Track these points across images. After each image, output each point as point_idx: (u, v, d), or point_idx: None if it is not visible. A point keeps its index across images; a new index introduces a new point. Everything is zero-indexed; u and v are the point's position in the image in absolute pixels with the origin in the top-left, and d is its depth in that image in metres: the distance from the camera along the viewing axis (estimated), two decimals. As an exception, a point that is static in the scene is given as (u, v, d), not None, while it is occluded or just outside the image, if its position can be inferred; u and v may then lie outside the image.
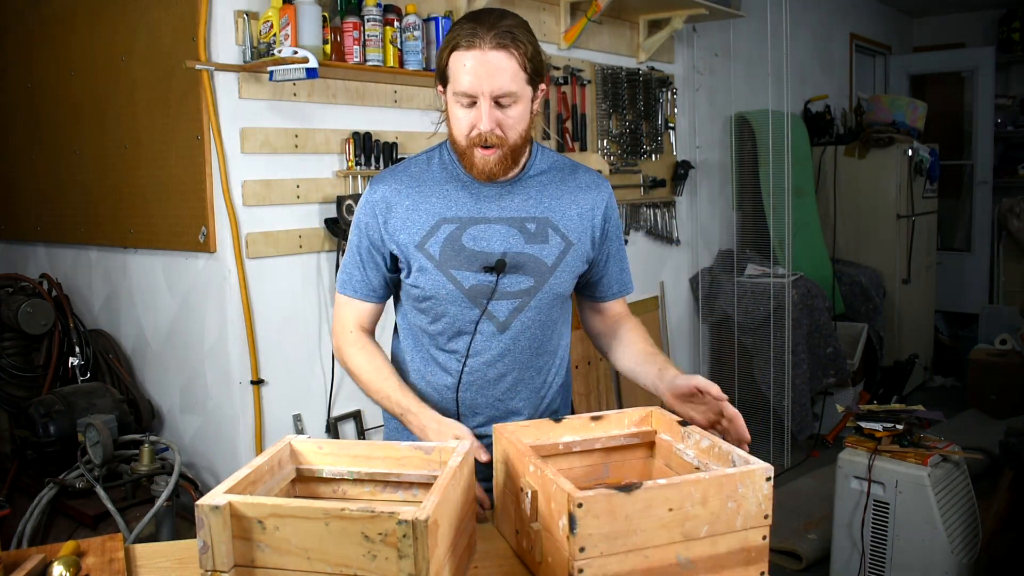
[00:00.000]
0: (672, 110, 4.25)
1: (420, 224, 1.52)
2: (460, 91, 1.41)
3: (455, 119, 1.46)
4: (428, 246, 1.51)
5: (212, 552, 1.03)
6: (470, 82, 1.40)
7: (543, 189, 1.56)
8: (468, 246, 1.51)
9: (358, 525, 1.01)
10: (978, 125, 6.53)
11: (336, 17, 2.62)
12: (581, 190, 1.58)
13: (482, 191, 1.53)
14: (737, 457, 1.17)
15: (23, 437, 2.52)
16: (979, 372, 4.85)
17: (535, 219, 1.53)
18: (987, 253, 6.41)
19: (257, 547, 1.04)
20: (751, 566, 1.12)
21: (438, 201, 1.53)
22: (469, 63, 1.39)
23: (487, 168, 1.47)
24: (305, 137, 2.64)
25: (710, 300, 4.50)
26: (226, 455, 2.62)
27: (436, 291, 1.51)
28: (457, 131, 1.47)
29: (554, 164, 1.60)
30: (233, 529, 1.03)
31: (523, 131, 1.47)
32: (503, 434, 1.28)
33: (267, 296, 2.58)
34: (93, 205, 2.97)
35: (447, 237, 1.51)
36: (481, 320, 1.52)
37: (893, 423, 2.74)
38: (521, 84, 1.42)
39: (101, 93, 2.86)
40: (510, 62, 1.40)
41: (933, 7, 6.94)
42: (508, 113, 1.43)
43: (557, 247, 1.54)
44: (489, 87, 1.40)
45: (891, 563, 2.70)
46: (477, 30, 1.39)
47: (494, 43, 1.39)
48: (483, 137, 1.43)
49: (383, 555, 1.01)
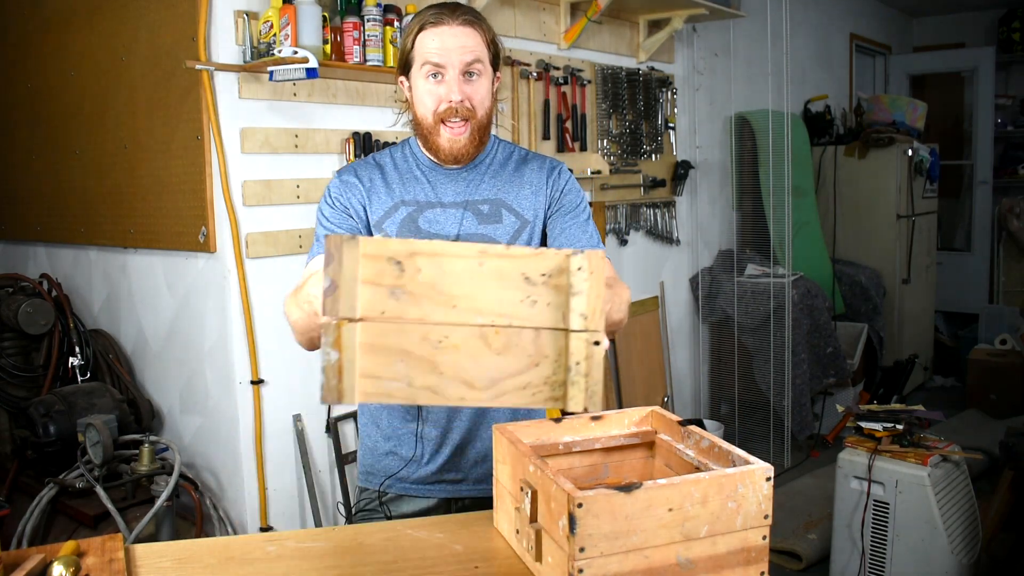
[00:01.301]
0: (672, 110, 4.25)
1: (379, 205, 1.54)
2: (429, 60, 1.44)
3: (422, 96, 1.48)
4: (385, 226, 1.53)
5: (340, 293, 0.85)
6: (439, 52, 1.44)
7: (497, 174, 1.58)
8: (424, 228, 1.53)
9: (518, 264, 0.88)
10: (978, 125, 6.53)
11: (336, 17, 2.62)
12: (534, 172, 1.59)
13: (439, 179, 1.56)
14: (737, 457, 1.17)
15: (23, 437, 2.52)
16: (979, 372, 4.85)
17: (488, 201, 1.55)
18: (987, 253, 6.41)
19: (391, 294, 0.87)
20: (751, 566, 1.12)
21: (397, 187, 1.56)
22: (438, 37, 1.44)
23: (455, 148, 1.49)
24: (305, 137, 2.64)
25: (710, 300, 4.50)
26: (226, 455, 2.62)
27: None
28: (424, 108, 1.48)
29: (510, 154, 1.62)
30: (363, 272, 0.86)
31: (488, 108, 1.51)
32: (503, 434, 1.29)
33: (267, 296, 2.58)
34: (93, 205, 2.97)
35: (404, 218, 1.53)
36: None
37: (893, 423, 2.74)
38: (486, 59, 1.48)
39: (101, 93, 2.86)
40: (477, 36, 1.46)
41: (933, 7, 6.94)
42: (475, 87, 1.47)
43: (511, 226, 1.55)
44: (459, 56, 1.44)
45: (891, 563, 2.69)
46: (443, 12, 1.45)
47: (461, 20, 1.45)
48: (453, 108, 1.45)
49: (544, 300, 0.89)
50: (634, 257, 4.12)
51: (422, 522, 1.41)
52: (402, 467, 1.59)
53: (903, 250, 5.35)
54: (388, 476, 1.60)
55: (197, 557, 1.28)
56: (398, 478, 1.60)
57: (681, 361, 4.51)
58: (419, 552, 1.28)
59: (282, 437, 2.66)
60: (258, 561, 1.26)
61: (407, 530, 1.36)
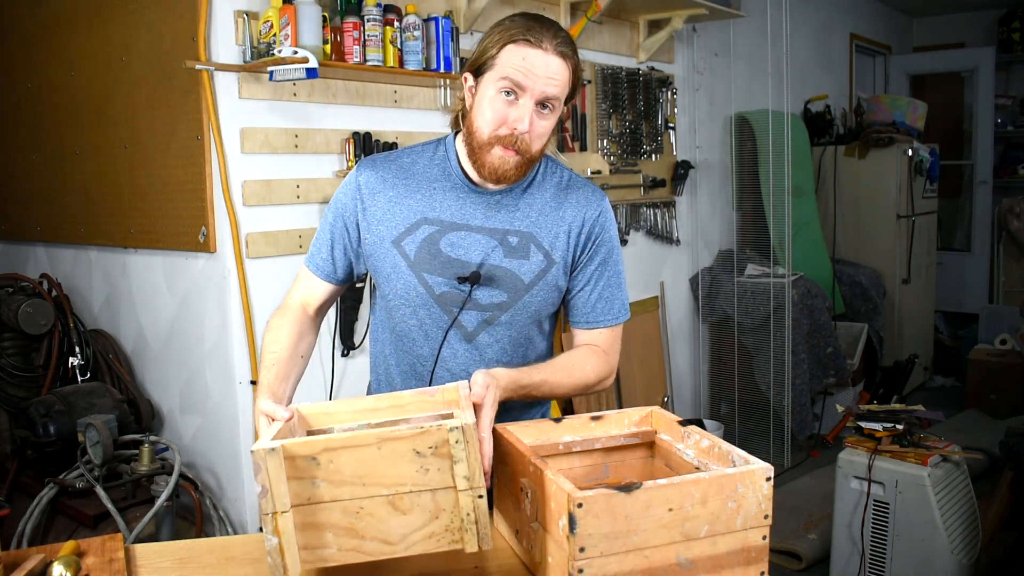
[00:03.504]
0: (672, 110, 4.25)
1: (400, 219, 1.47)
2: (512, 77, 1.35)
3: (486, 109, 1.38)
4: (404, 244, 1.46)
5: (272, 494, 1.04)
6: (525, 75, 1.35)
7: (532, 203, 1.49)
8: (445, 251, 1.45)
9: (408, 443, 1.06)
10: (978, 125, 6.53)
11: (336, 17, 2.62)
12: (571, 206, 1.51)
13: (470, 197, 1.47)
14: (737, 457, 1.17)
15: (23, 437, 2.52)
16: (979, 372, 4.85)
17: (519, 233, 1.47)
18: (987, 253, 6.41)
19: (312, 484, 1.06)
20: (751, 566, 1.12)
21: (423, 199, 1.47)
22: (529, 57, 1.35)
23: (502, 169, 1.40)
24: (305, 137, 2.64)
25: (710, 300, 4.50)
26: (226, 455, 2.62)
27: (406, 292, 1.47)
28: (484, 122, 1.39)
29: (552, 177, 1.54)
30: (287, 471, 1.05)
31: (544, 144, 1.44)
32: (503, 434, 1.29)
33: (267, 296, 2.58)
34: (93, 205, 2.97)
35: (425, 239, 1.46)
36: (451, 329, 1.48)
37: (893, 423, 2.74)
38: (563, 96, 1.41)
39: (101, 93, 2.86)
40: (564, 72, 1.38)
41: (933, 7, 6.94)
42: (542, 123, 1.40)
43: (537, 264, 1.47)
44: (542, 87, 1.36)
45: (891, 563, 2.69)
46: (539, 31, 1.36)
47: (557, 49, 1.36)
48: (514, 137, 1.38)
49: (435, 467, 1.07)
50: (634, 257, 4.12)
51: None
52: None
53: (903, 250, 5.35)
54: None
55: (197, 557, 1.28)
56: None
57: (681, 361, 4.52)
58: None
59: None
60: (258, 561, 1.26)
61: (407, 530, 1.36)
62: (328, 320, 2.73)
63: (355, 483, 1.06)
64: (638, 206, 4.11)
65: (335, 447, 1.05)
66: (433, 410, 1.32)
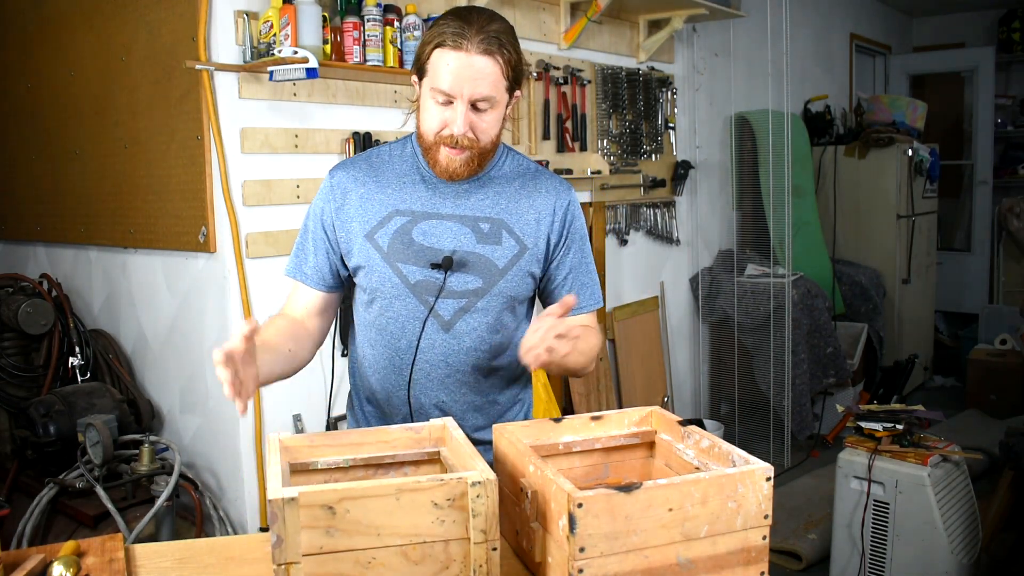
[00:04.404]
0: (672, 110, 4.25)
1: (372, 214, 1.49)
2: (438, 88, 1.39)
3: (427, 113, 1.43)
4: (377, 237, 1.48)
5: (286, 545, 1.03)
6: (450, 83, 1.37)
7: (502, 191, 1.52)
8: (417, 240, 1.48)
9: (427, 495, 1.06)
10: (978, 125, 6.53)
11: (336, 17, 2.62)
12: (540, 194, 1.54)
13: (439, 187, 1.50)
14: (737, 457, 1.17)
15: (23, 437, 2.52)
16: (979, 372, 4.85)
17: (490, 219, 1.50)
18: (987, 253, 6.41)
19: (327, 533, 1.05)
20: (751, 566, 1.12)
21: (394, 192, 1.50)
22: (452, 63, 1.37)
23: (451, 167, 1.45)
24: (305, 137, 2.64)
25: (710, 300, 4.50)
26: (226, 455, 2.62)
27: (381, 284, 1.48)
28: (427, 126, 1.44)
29: (518, 168, 1.57)
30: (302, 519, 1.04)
31: (495, 136, 1.47)
32: (503, 434, 1.29)
33: (267, 296, 2.58)
34: (93, 205, 2.97)
35: (397, 230, 1.48)
36: (428, 318, 1.48)
37: (893, 423, 2.74)
38: (500, 91, 1.42)
39: (101, 93, 2.86)
40: (493, 68, 1.39)
41: (933, 7, 6.94)
42: (483, 117, 1.42)
43: (510, 250, 1.50)
44: (469, 91, 1.38)
45: (891, 563, 2.70)
46: (465, 31, 1.37)
47: (480, 48, 1.37)
48: (454, 139, 1.41)
49: (451, 518, 1.07)
50: (634, 257, 4.12)
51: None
52: None
53: (903, 250, 5.35)
54: None
55: (197, 557, 1.28)
56: None
57: (681, 361, 4.52)
58: (419, 552, 1.28)
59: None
60: (258, 561, 1.26)
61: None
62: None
63: (370, 533, 1.06)
64: (638, 206, 4.11)
65: (354, 496, 1.04)
66: (418, 447, 1.31)
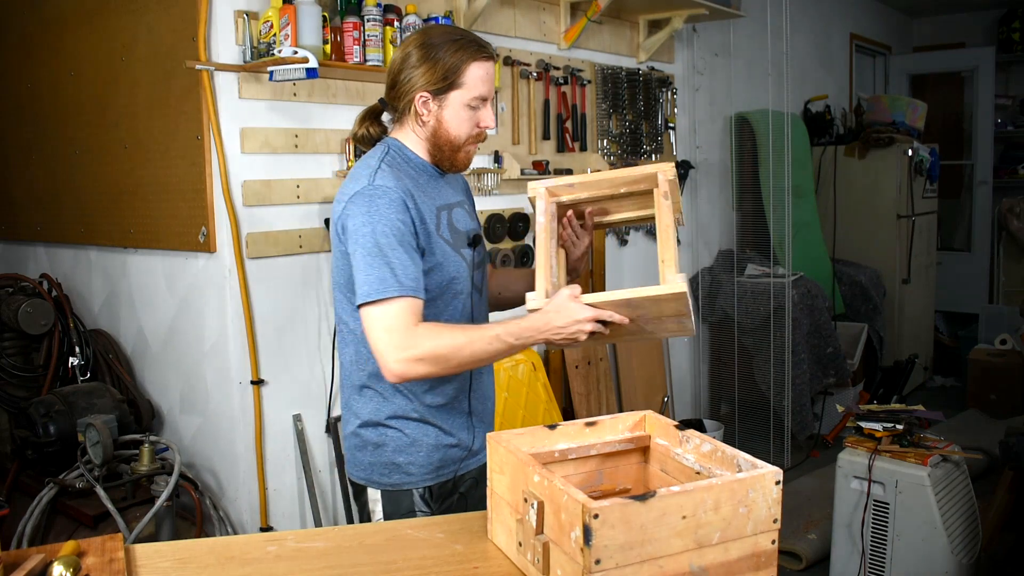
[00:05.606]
0: (672, 110, 4.25)
1: (430, 212, 1.63)
2: (479, 96, 1.61)
3: (462, 119, 1.62)
4: (442, 231, 1.64)
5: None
6: (488, 88, 1.62)
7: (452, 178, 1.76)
8: (457, 226, 1.67)
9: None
10: (978, 125, 6.52)
11: (336, 17, 2.62)
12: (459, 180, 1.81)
13: (440, 180, 1.70)
14: (743, 461, 1.16)
15: (23, 437, 2.52)
16: (979, 372, 4.85)
17: (465, 201, 1.77)
18: (987, 253, 6.40)
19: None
20: (761, 571, 1.11)
21: (431, 191, 1.66)
22: (488, 71, 1.62)
23: (469, 159, 1.68)
24: (305, 137, 2.64)
25: (710, 300, 4.50)
26: (226, 455, 2.62)
27: (458, 270, 1.64)
28: (460, 129, 1.62)
29: None
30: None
31: None
32: (499, 443, 1.26)
33: (267, 296, 2.58)
34: (93, 205, 2.97)
35: (447, 222, 1.65)
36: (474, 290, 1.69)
37: (893, 423, 2.74)
38: None
39: (101, 93, 2.86)
40: None
41: (933, 7, 6.94)
42: None
43: (479, 225, 1.79)
44: (492, 90, 1.65)
45: (891, 563, 2.69)
46: (480, 42, 1.62)
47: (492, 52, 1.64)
48: (484, 134, 1.65)
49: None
50: (634, 257, 4.12)
51: (422, 522, 1.41)
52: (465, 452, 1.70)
53: (903, 250, 5.35)
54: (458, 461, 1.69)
55: (197, 557, 1.28)
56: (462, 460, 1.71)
57: (681, 361, 4.51)
58: (419, 552, 1.28)
59: (282, 437, 2.66)
60: (258, 561, 1.26)
61: (407, 530, 1.36)
62: (328, 320, 2.73)
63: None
64: (638, 206, 4.10)
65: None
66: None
